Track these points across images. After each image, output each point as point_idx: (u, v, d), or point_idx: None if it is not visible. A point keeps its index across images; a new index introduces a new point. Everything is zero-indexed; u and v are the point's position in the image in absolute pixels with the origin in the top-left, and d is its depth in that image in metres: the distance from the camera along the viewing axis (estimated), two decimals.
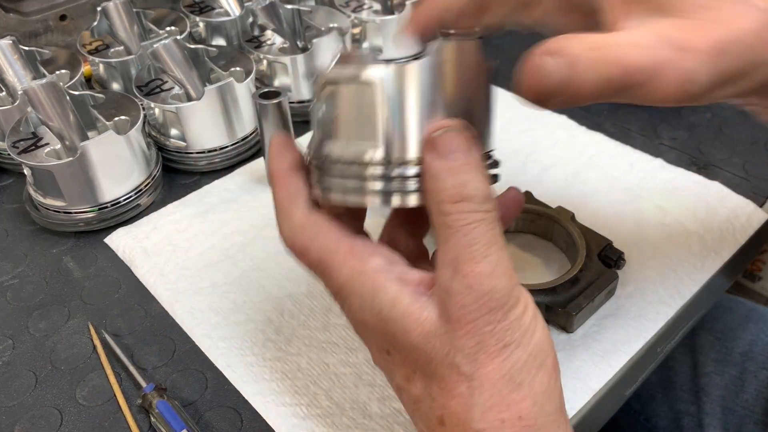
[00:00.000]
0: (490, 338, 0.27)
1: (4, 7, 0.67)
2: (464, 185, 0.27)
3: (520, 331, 0.27)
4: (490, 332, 0.27)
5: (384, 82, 0.29)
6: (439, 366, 0.28)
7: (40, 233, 0.56)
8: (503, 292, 0.27)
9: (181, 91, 0.59)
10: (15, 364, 0.45)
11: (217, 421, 0.41)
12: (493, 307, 0.27)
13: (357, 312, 0.30)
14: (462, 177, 0.28)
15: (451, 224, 0.27)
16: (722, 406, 0.58)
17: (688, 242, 0.51)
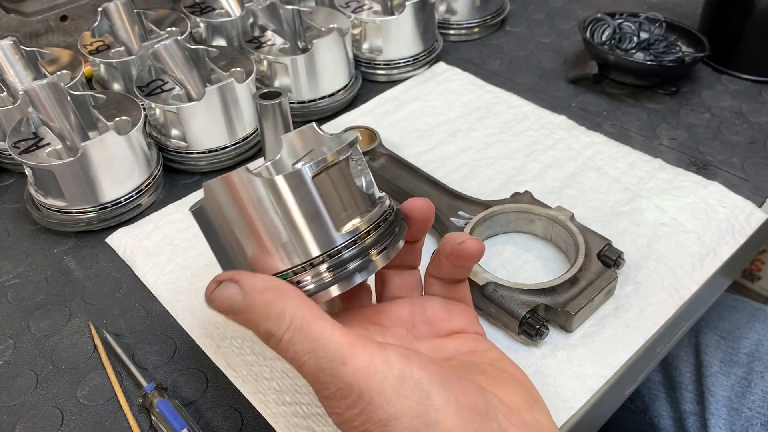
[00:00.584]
0: (369, 424, 0.28)
1: (5, 8, 0.67)
2: (258, 327, 0.29)
3: (390, 403, 0.28)
4: (366, 420, 0.28)
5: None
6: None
7: (41, 233, 0.56)
8: (351, 378, 0.28)
9: (181, 92, 0.59)
10: (16, 364, 0.45)
11: (218, 420, 0.41)
12: (351, 402, 0.28)
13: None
14: (252, 323, 0.29)
15: (282, 356, 0.29)
16: (728, 406, 0.57)
17: (687, 242, 0.51)
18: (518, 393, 0.33)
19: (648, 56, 0.69)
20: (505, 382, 0.33)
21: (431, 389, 0.29)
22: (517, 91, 0.69)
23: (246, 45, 0.67)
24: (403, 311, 0.37)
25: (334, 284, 0.32)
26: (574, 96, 0.69)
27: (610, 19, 0.71)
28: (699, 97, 0.68)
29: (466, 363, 0.35)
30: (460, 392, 0.29)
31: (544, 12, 0.85)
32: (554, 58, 0.76)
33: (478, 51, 0.78)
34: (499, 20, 0.82)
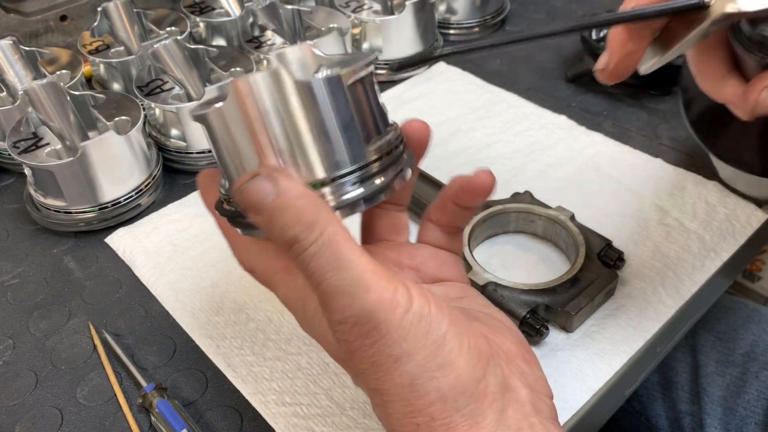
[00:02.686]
0: (379, 357, 0.28)
1: (5, 8, 0.67)
2: (284, 231, 0.27)
3: (406, 340, 0.27)
4: (377, 352, 0.28)
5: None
6: (359, 383, 0.30)
7: (40, 233, 0.56)
8: (371, 307, 0.27)
9: (181, 92, 0.59)
10: (15, 364, 0.45)
11: (218, 420, 0.41)
12: (365, 331, 0.27)
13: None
14: (278, 224, 0.27)
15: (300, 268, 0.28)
16: (723, 406, 0.58)
17: (688, 242, 0.51)
18: (513, 342, 0.32)
19: None
20: (499, 330, 0.33)
21: (448, 330, 0.28)
22: (517, 91, 0.69)
23: (246, 45, 0.67)
24: (390, 254, 0.36)
25: (360, 201, 0.30)
26: (574, 96, 0.69)
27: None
28: None
29: (459, 309, 0.34)
30: (471, 336, 0.29)
31: (544, 12, 0.85)
32: (554, 57, 0.76)
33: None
34: (499, 20, 0.82)
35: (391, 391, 0.28)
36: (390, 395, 0.28)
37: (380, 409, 0.29)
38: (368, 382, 0.29)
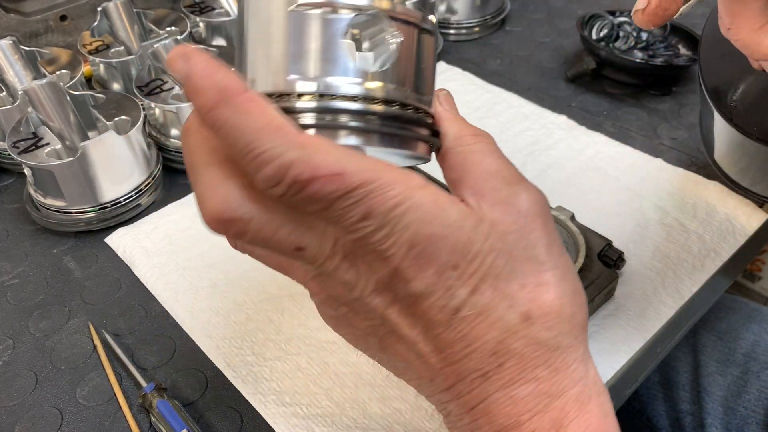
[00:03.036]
0: (554, 233, 0.29)
1: (5, 8, 0.67)
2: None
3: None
4: (553, 229, 0.29)
5: None
6: (519, 262, 0.28)
7: (40, 233, 0.56)
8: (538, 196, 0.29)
9: (181, 91, 0.59)
10: (15, 364, 0.45)
11: (217, 420, 0.41)
12: (549, 209, 0.29)
13: (419, 227, 0.26)
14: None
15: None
16: (724, 406, 0.58)
17: (688, 242, 0.51)
18: None
19: (645, 56, 0.69)
20: None
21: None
22: (517, 91, 0.69)
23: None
24: None
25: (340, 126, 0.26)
26: (574, 96, 0.69)
27: (611, 16, 0.71)
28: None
29: None
30: None
31: (545, 11, 0.85)
32: (554, 57, 0.76)
33: (478, 51, 0.78)
34: (500, 20, 0.82)
35: (565, 266, 0.28)
36: (563, 270, 0.28)
37: (547, 287, 0.28)
38: (540, 255, 0.28)
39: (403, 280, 0.26)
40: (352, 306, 0.28)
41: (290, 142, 0.24)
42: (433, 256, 0.26)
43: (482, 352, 0.27)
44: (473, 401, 0.28)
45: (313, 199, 0.24)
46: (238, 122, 0.24)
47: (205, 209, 0.25)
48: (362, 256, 0.26)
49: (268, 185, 0.24)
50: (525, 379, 0.27)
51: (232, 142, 0.24)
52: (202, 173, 0.26)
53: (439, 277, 0.26)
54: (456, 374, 0.28)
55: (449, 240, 0.26)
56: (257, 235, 0.26)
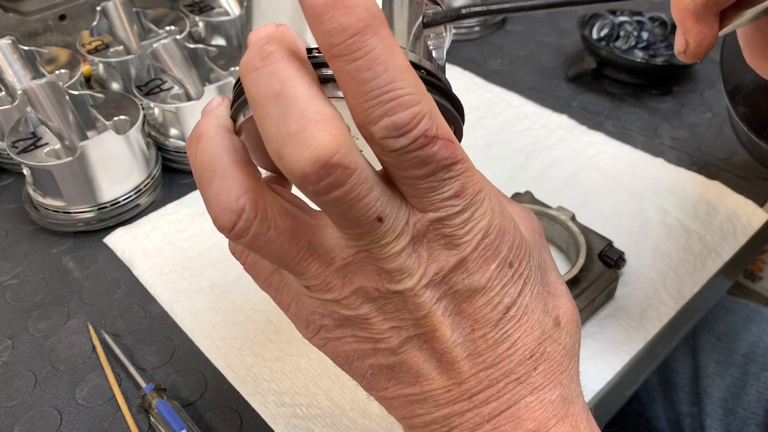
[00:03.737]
0: None
1: (4, 7, 0.67)
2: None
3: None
4: None
5: None
6: (543, 272, 0.28)
7: (39, 233, 0.55)
8: None
9: (180, 91, 0.59)
10: (14, 365, 0.45)
11: (217, 421, 0.41)
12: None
13: (493, 218, 0.25)
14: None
15: None
16: (723, 407, 0.58)
17: (689, 242, 0.51)
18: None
19: (646, 56, 0.69)
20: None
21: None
22: (517, 91, 0.69)
23: (245, 44, 0.66)
24: None
25: None
26: (575, 95, 0.69)
27: (612, 16, 0.71)
28: (700, 96, 0.68)
29: None
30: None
31: (545, 11, 0.85)
32: (555, 57, 0.76)
33: (479, 50, 0.78)
34: (500, 19, 0.81)
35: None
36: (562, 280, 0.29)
37: (565, 297, 0.29)
38: (554, 267, 0.29)
39: (466, 271, 0.25)
40: (385, 302, 0.25)
41: (425, 93, 0.22)
42: (498, 250, 0.25)
43: (523, 353, 0.26)
44: (501, 407, 0.27)
45: (427, 162, 0.22)
46: (385, 55, 0.21)
47: (306, 147, 0.21)
48: (429, 241, 0.24)
49: (393, 133, 0.21)
50: (553, 383, 0.27)
51: (371, 76, 0.21)
52: (302, 104, 0.21)
53: (498, 273, 0.26)
54: (489, 379, 0.26)
55: (511, 236, 0.26)
56: (352, 190, 0.22)
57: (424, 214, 0.24)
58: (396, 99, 0.21)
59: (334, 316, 0.26)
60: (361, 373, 0.28)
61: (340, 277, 0.25)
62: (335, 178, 0.21)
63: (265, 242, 0.24)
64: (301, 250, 0.24)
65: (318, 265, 0.25)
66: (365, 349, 0.27)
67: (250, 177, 0.23)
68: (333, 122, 0.21)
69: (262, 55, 0.22)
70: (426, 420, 0.27)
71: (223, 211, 0.23)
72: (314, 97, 0.21)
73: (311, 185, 0.21)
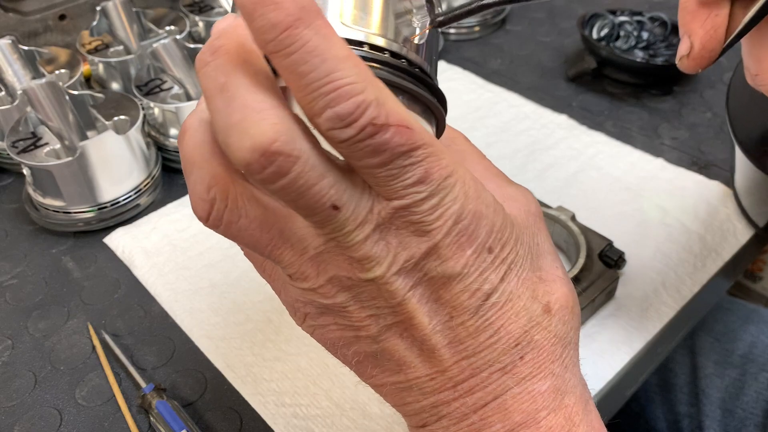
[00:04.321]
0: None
1: (4, 7, 0.67)
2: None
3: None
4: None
5: None
6: (535, 257, 0.27)
7: (39, 233, 0.55)
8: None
9: (180, 91, 0.59)
10: (14, 365, 0.45)
11: (217, 421, 0.41)
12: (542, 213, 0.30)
13: (466, 203, 0.25)
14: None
15: None
16: (722, 408, 0.57)
17: (689, 242, 0.51)
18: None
19: (646, 55, 0.69)
20: None
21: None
22: (517, 91, 0.69)
23: None
24: None
25: None
26: (575, 95, 0.69)
27: (612, 16, 0.71)
28: (700, 96, 0.68)
29: None
30: None
31: (545, 11, 0.85)
32: (555, 57, 0.75)
33: (479, 50, 0.77)
34: (500, 19, 0.81)
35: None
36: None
37: (561, 282, 0.28)
38: (551, 251, 0.28)
39: (438, 258, 0.24)
40: (359, 290, 0.25)
41: (370, 81, 0.21)
42: (474, 235, 0.25)
43: (506, 342, 0.26)
44: (487, 398, 0.26)
45: (379, 150, 0.22)
46: (321, 47, 0.21)
47: (247, 137, 0.21)
48: (398, 228, 0.24)
49: (338, 124, 0.21)
50: (543, 373, 0.26)
51: (308, 69, 0.21)
52: (244, 95, 0.21)
53: (476, 259, 0.25)
54: (471, 368, 0.26)
55: (489, 220, 0.25)
56: (299, 178, 0.22)
57: (389, 202, 0.23)
58: (336, 90, 0.21)
59: (314, 305, 0.26)
60: (349, 360, 0.28)
61: (314, 266, 0.25)
62: (278, 166, 0.21)
63: (238, 230, 0.24)
64: (273, 238, 0.24)
65: (291, 253, 0.25)
66: (348, 336, 0.27)
67: (223, 168, 0.24)
68: (274, 111, 0.21)
69: (212, 50, 0.22)
70: (416, 408, 0.27)
71: (197, 201, 0.24)
72: (257, 87, 0.22)
73: (256, 174, 0.21)
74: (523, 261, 0.26)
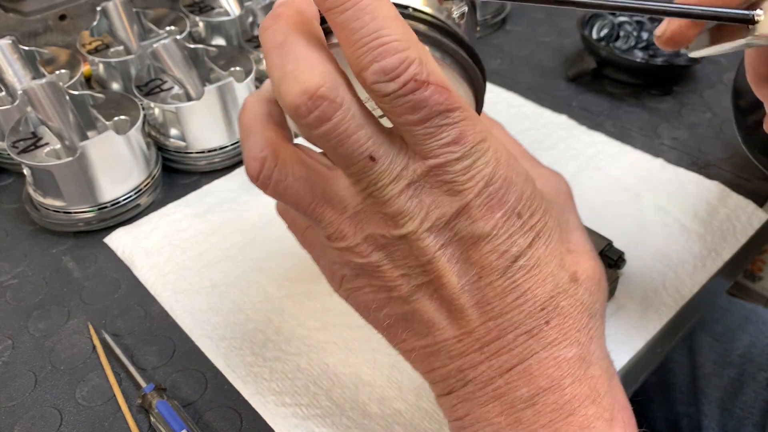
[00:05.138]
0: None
1: (4, 7, 0.67)
2: None
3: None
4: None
5: None
6: (564, 231, 0.28)
7: (39, 233, 0.56)
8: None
9: (180, 91, 0.59)
10: (15, 364, 0.45)
11: (217, 421, 0.41)
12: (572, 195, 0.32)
13: (497, 167, 0.26)
14: None
15: None
16: (721, 407, 0.58)
17: (689, 242, 0.51)
18: None
19: (646, 56, 0.69)
20: None
21: None
22: (517, 91, 0.69)
23: (245, 44, 0.67)
24: None
25: None
26: (574, 95, 0.69)
27: (611, 16, 0.71)
28: (700, 96, 0.68)
29: None
30: None
31: (545, 11, 0.85)
32: (555, 57, 0.76)
33: (479, 50, 0.77)
34: (500, 19, 0.81)
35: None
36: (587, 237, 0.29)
37: (589, 255, 0.29)
38: (577, 221, 0.30)
39: (469, 218, 0.26)
40: (393, 249, 0.27)
41: (414, 42, 0.24)
42: (503, 199, 0.26)
43: (533, 305, 0.26)
44: (512, 360, 0.27)
45: (419, 106, 0.24)
46: (372, 5, 0.23)
47: (297, 82, 0.23)
48: (431, 187, 0.25)
49: (384, 77, 0.23)
50: (569, 341, 0.27)
51: (359, 25, 0.23)
52: (298, 50, 0.24)
53: (505, 222, 0.26)
54: (498, 329, 0.27)
55: (519, 188, 0.26)
56: (340, 124, 0.24)
57: (425, 161, 0.25)
58: (384, 45, 0.23)
59: (351, 266, 0.28)
60: (381, 324, 0.29)
61: (352, 225, 0.26)
62: (322, 111, 0.23)
63: (285, 189, 0.26)
64: (316, 197, 0.26)
65: (332, 212, 0.27)
66: (381, 298, 0.28)
67: (276, 134, 0.27)
68: (322, 62, 0.24)
69: (274, 15, 0.25)
70: (443, 373, 0.28)
71: (250, 161, 0.26)
72: (310, 45, 0.24)
73: (302, 118, 0.24)
74: (551, 232, 0.27)
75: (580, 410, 0.26)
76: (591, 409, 0.27)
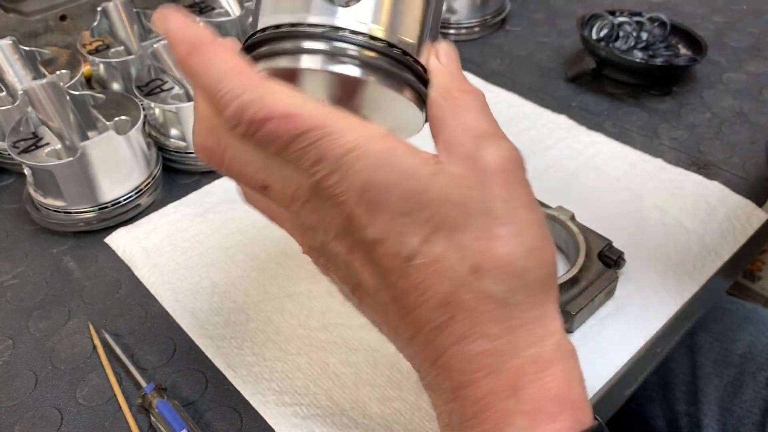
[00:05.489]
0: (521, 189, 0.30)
1: (4, 7, 0.67)
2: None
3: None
4: (521, 185, 0.30)
5: None
6: (474, 215, 0.27)
7: (40, 233, 0.56)
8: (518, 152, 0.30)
9: (181, 91, 0.59)
10: (15, 364, 0.45)
11: (217, 421, 0.41)
12: (521, 166, 0.31)
13: (371, 173, 0.26)
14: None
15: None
16: (720, 407, 0.58)
17: (688, 242, 0.51)
18: None
19: (645, 56, 0.69)
20: None
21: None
22: (517, 91, 0.69)
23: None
24: None
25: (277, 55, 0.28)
26: (574, 95, 0.69)
27: (611, 16, 0.71)
28: (700, 96, 0.68)
29: None
30: None
31: (545, 11, 0.85)
32: (555, 57, 0.76)
33: (479, 50, 0.78)
34: (500, 20, 0.81)
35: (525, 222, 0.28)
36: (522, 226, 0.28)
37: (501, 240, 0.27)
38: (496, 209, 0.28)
39: (357, 226, 0.27)
40: (324, 254, 0.30)
41: (249, 85, 0.26)
42: (384, 203, 0.26)
43: (434, 302, 0.27)
44: (433, 355, 0.28)
45: (269, 139, 0.26)
46: (206, 67, 0.27)
47: (194, 136, 0.30)
48: (323, 201, 0.27)
49: (231, 124, 0.26)
50: (477, 335, 0.27)
51: (203, 85, 0.27)
52: (196, 106, 0.30)
53: (391, 224, 0.26)
54: (413, 325, 0.28)
55: (400, 187, 0.26)
56: (230, 166, 0.29)
57: (308, 180, 0.27)
58: (222, 98, 0.26)
59: (319, 262, 0.31)
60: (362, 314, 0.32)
61: (297, 234, 0.31)
62: (214, 157, 0.29)
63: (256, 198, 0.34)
64: (272, 208, 0.32)
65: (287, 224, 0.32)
66: (346, 292, 0.31)
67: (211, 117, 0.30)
68: (205, 119, 0.29)
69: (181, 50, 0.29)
70: (406, 357, 0.30)
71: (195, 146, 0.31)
72: (200, 102, 0.30)
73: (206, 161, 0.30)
74: (454, 222, 0.27)
75: (497, 404, 0.26)
76: (509, 403, 0.26)
